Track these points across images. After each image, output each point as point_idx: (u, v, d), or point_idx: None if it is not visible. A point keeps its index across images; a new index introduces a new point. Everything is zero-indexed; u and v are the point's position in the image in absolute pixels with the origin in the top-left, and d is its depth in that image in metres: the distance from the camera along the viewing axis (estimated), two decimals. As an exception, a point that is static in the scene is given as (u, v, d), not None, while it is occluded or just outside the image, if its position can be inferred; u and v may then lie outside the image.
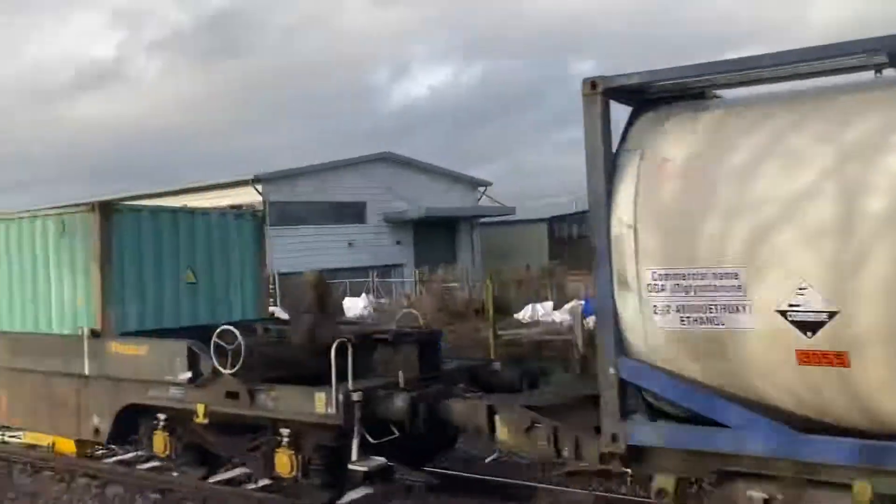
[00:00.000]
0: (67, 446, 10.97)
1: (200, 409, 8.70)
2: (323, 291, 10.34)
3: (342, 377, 7.66)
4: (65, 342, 10.01)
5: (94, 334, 9.64)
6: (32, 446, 11.41)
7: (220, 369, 8.36)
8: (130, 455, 10.98)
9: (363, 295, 27.68)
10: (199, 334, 9.04)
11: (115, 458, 10.93)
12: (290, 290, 30.73)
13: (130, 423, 9.68)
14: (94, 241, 9.67)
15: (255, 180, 31.50)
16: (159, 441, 9.31)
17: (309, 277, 10.53)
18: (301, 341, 9.00)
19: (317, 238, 33.11)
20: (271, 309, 14.39)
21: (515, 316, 22.37)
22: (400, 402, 7.67)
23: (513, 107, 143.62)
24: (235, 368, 8.26)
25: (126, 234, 9.92)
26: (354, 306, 26.09)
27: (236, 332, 8.42)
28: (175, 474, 9.84)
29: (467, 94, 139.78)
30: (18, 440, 11.80)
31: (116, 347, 9.43)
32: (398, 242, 37.60)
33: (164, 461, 9.80)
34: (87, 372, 9.72)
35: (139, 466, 10.43)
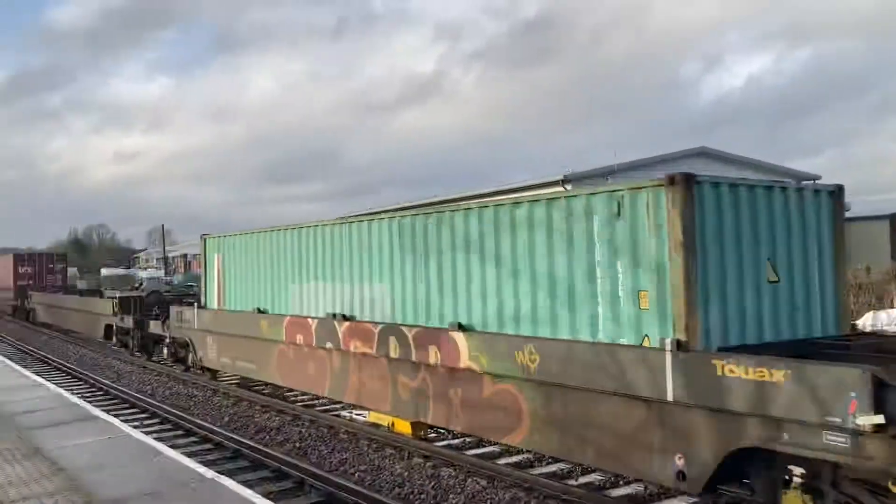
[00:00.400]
0: (404, 427, 12.08)
1: None
2: None
3: None
4: (614, 352, 8.23)
5: (681, 347, 7.54)
6: (375, 425, 12.74)
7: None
8: (458, 441, 11.82)
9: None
10: (786, 354, 7.22)
11: (444, 443, 11.78)
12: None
13: (734, 468, 7.43)
14: (673, 223, 7.81)
15: (565, 181, 31.96)
16: None
17: None
18: None
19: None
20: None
21: (853, 324, 20.07)
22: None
23: (843, 93, 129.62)
24: None
25: (707, 214, 8.01)
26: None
27: None
28: (501, 463, 10.35)
29: (789, 81, 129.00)
30: (364, 418, 13.25)
31: (728, 368, 7.05)
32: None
33: None
34: (669, 397, 7.59)
35: (466, 452, 11.13)
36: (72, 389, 17.03)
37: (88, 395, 17.33)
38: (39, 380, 15.50)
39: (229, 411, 15.23)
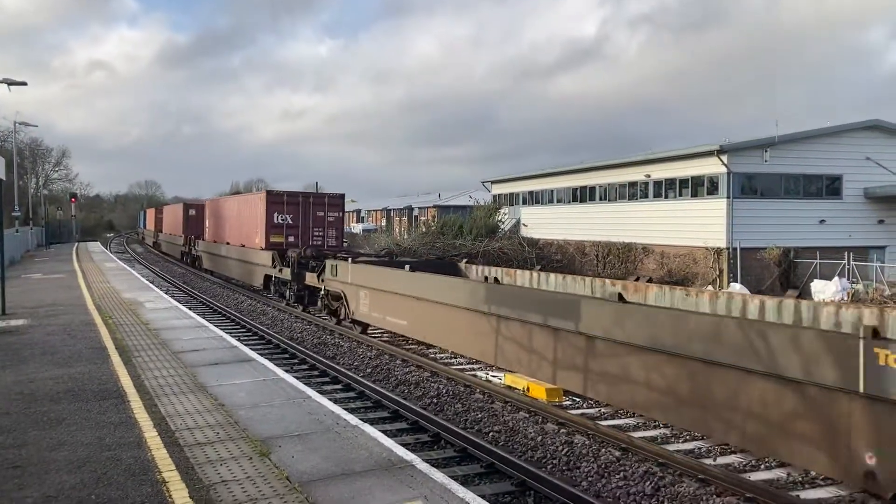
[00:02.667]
0: (539, 392, 12.16)
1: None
2: (786, 269, 9.47)
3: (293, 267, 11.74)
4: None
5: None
6: (510, 387, 12.90)
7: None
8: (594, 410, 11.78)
9: (836, 278, 25.04)
10: None
11: (580, 411, 11.77)
12: (751, 265, 29.44)
13: None
14: None
15: (721, 151, 30.51)
16: None
17: (772, 254, 9.89)
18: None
19: (783, 212, 30.93)
20: (735, 286, 14.08)
21: None
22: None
23: None
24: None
25: None
26: (824, 290, 23.81)
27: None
28: (636, 436, 10.24)
29: None
30: (500, 381, 13.45)
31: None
32: (881, 221, 33.06)
33: None
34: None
35: (601, 423, 11.07)
36: (230, 332, 18.33)
37: (244, 338, 18.61)
38: (203, 321, 16.78)
39: (372, 363, 15.89)
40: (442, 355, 16.37)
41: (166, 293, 25.32)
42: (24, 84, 32.00)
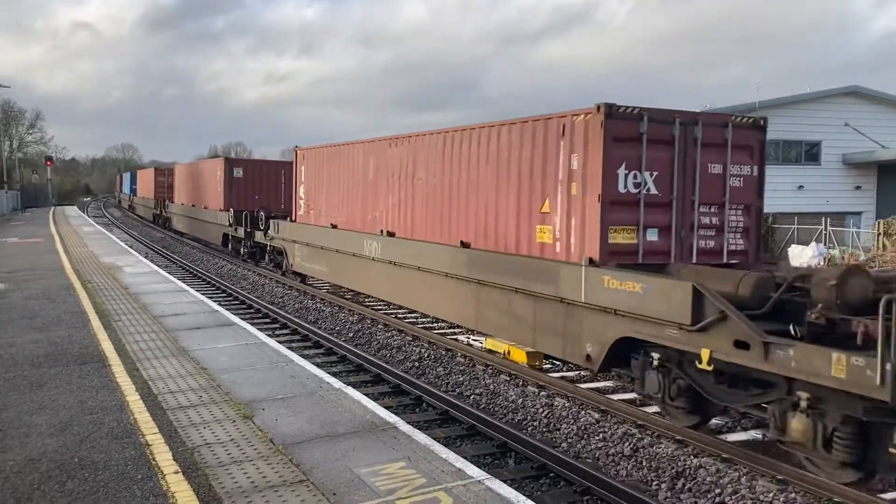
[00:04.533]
0: (519, 356, 12.28)
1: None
2: (765, 234, 9.81)
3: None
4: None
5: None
6: (491, 351, 13.00)
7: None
8: (574, 374, 11.93)
9: (812, 244, 25.34)
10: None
11: (559, 374, 11.91)
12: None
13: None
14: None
15: (701, 117, 30.58)
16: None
17: None
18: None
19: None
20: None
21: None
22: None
23: None
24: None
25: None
26: (800, 255, 24.10)
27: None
28: (615, 398, 10.40)
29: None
30: (480, 345, 13.55)
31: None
32: (857, 188, 33.41)
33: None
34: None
35: (581, 385, 11.22)
36: (211, 297, 18.27)
37: (225, 302, 18.57)
38: (183, 285, 16.70)
39: (354, 328, 15.93)
40: (423, 320, 16.44)
41: (146, 257, 25.12)
42: (-4, 44, 31.19)
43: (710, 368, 8.24)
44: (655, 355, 9.15)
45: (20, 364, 9.09)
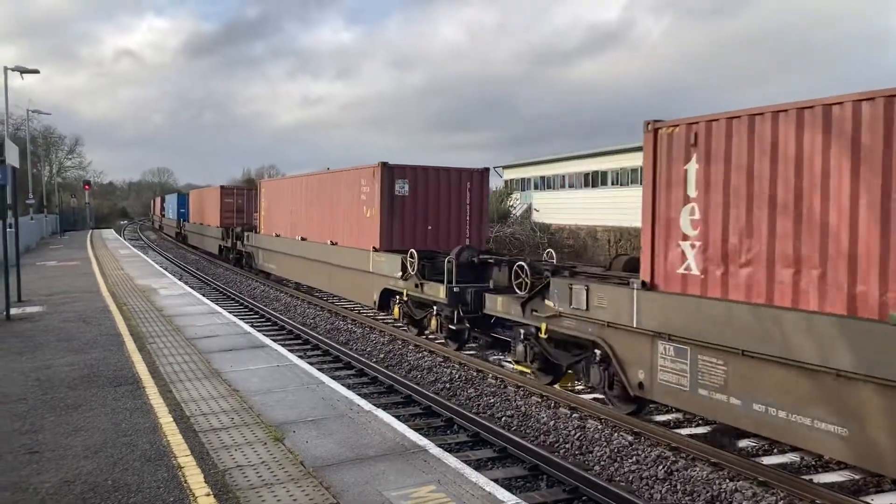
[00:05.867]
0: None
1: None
2: None
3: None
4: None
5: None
6: (522, 373, 12.90)
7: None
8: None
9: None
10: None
11: (592, 395, 11.76)
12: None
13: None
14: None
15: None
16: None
17: None
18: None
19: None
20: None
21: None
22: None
23: None
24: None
25: None
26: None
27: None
28: (650, 420, 10.23)
29: None
30: (511, 366, 13.45)
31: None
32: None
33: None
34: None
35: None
36: (243, 318, 18.40)
37: (257, 323, 18.70)
38: (216, 307, 16.87)
39: (385, 348, 15.94)
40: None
41: (180, 279, 25.44)
42: (37, 72, 32.10)
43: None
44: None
45: (57, 386, 9.23)
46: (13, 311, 15.43)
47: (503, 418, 10.92)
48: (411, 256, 16.15)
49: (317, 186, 23.13)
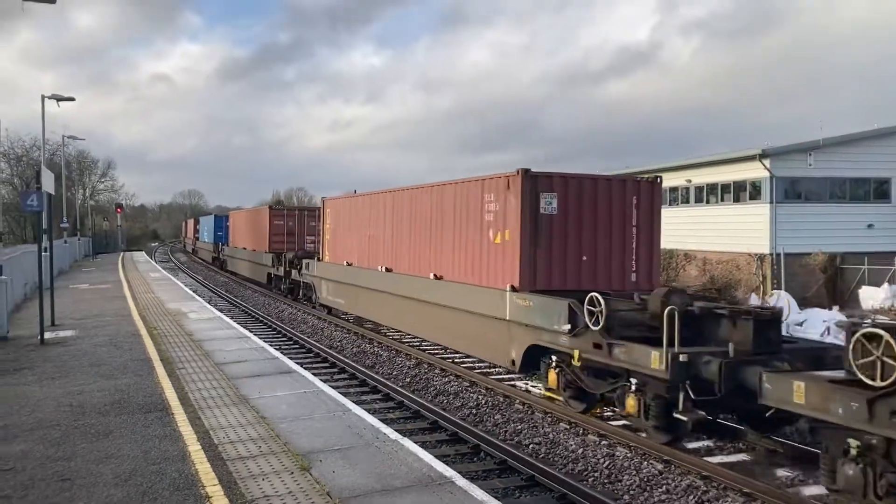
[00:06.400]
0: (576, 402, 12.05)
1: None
2: (833, 275, 9.78)
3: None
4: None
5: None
6: (550, 398, 12.82)
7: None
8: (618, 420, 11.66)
9: (885, 285, 24.42)
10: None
11: (621, 422, 11.64)
12: (796, 271, 28.86)
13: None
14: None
15: (762, 155, 29.98)
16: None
17: (817, 259, 10.21)
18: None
19: (829, 217, 30.25)
20: (779, 293, 15.22)
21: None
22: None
23: None
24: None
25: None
26: (872, 297, 23.23)
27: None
28: (680, 448, 10.10)
29: None
30: (539, 391, 13.38)
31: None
32: (932, 225, 31.99)
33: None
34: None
35: (643, 434, 10.93)
36: (271, 342, 18.53)
37: (285, 347, 18.80)
38: (244, 331, 17.00)
39: (410, 373, 15.93)
40: (480, 365, 16.34)
41: (209, 303, 25.71)
42: (72, 100, 32.84)
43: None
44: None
45: (88, 412, 9.35)
46: (47, 335, 15.68)
47: (531, 445, 10.83)
48: (592, 303, 11.09)
49: (409, 204, 18.54)
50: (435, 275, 16.73)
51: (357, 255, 22.23)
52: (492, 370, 15.87)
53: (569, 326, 11.60)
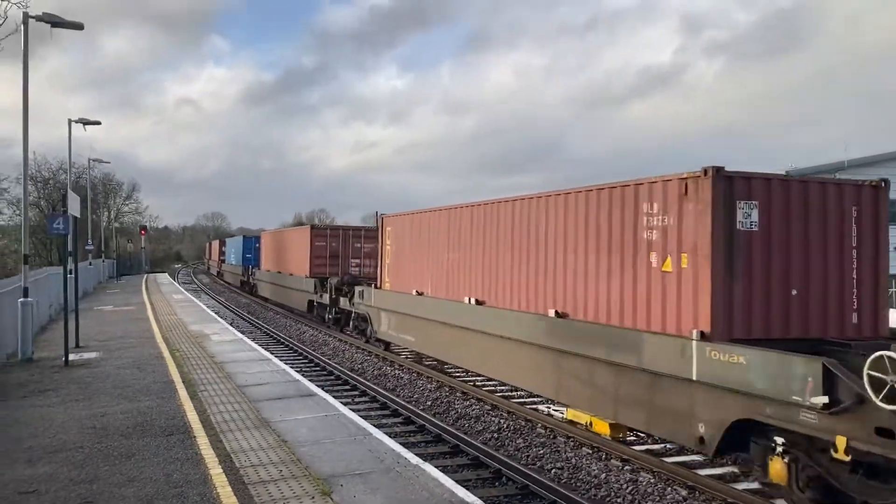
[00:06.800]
0: (602, 427, 11.94)
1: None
2: None
3: None
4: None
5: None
6: (572, 422, 12.70)
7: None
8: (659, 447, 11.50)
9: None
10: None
11: (644, 447, 11.50)
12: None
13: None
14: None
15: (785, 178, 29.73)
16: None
17: None
18: None
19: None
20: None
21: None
22: None
23: None
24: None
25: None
26: None
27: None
28: (703, 473, 9.95)
29: None
30: (561, 415, 13.25)
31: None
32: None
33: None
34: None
35: (666, 459, 10.78)
36: (292, 364, 18.56)
37: (306, 369, 18.82)
38: (266, 353, 17.05)
39: (431, 396, 15.87)
40: (502, 388, 16.25)
41: (231, 324, 25.85)
42: (98, 124, 33.37)
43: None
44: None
45: (111, 434, 9.40)
46: (71, 356, 15.84)
47: (553, 470, 10.72)
48: (879, 365, 7.23)
49: (512, 220, 14.56)
50: (557, 312, 12.79)
51: (431, 282, 18.32)
52: (513, 393, 15.77)
53: (825, 399, 7.69)
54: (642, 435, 11.93)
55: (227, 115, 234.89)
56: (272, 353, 18.16)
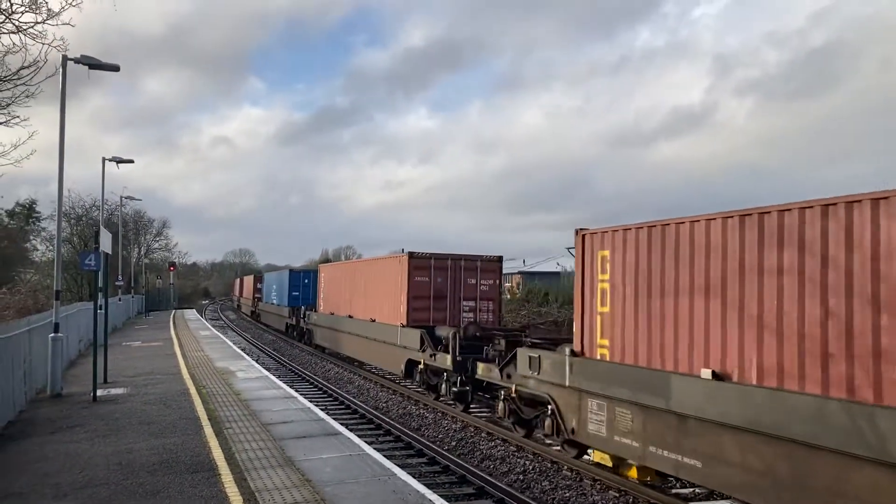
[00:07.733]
0: (629, 470, 11.74)
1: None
2: None
3: None
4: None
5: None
6: (599, 465, 12.51)
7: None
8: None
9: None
10: None
11: (673, 491, 11.27)
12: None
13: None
14: None
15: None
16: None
17: None
18: None
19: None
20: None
21: None
22: None
23: None
24: None
25: None
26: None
27: None
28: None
29: None
30: (588, 457, 13.06)
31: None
32: None
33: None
34: None
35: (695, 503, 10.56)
36: (317, 402, 18.50)
37: (331, 408, 18.77)
38: (291, 391, 17.05)
39: (456, 436, 15.74)
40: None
41: (257, 361, 25.94)
42: (131, 162, 34.02)
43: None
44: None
45: (137, 471, 9.43)
46: (99, 392, 15.97)
47: (579, 514, 10.55)
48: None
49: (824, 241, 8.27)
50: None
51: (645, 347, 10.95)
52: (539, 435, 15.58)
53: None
54: (670, 478, 11.70)
55: (260, 154, 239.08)
56: (297, 391, 18.17)
